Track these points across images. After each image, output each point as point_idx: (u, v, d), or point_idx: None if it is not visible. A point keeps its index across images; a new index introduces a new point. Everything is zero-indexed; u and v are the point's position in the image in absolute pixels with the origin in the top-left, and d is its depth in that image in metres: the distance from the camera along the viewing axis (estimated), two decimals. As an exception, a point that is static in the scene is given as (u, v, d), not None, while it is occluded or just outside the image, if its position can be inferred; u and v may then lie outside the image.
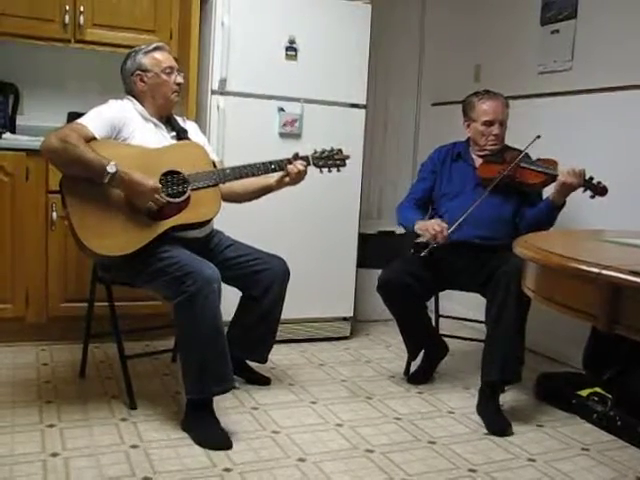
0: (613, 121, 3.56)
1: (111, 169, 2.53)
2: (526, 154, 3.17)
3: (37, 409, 2.78)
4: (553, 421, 3.03)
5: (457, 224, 3.03)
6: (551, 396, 3.24)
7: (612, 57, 3.56)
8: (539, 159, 3.17)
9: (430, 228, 3.05)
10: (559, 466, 2.59)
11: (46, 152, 2.60)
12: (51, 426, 2.63)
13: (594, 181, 2.98)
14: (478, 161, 3.31)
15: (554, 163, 3.11)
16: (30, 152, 3.33)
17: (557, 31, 3.91)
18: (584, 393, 3.12)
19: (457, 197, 3.26)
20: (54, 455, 2.40)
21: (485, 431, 2.86)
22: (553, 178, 3.05)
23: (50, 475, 2.26)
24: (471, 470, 2.51)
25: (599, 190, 2.98)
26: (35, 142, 3.16)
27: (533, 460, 2.63)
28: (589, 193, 2.99)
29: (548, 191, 3.13)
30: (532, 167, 3.13)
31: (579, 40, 3.77)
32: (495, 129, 3.24)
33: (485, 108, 3.24)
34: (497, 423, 2.88)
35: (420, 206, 3.37)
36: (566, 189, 3.00)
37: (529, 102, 3.90)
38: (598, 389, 3.12)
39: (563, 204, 3.07)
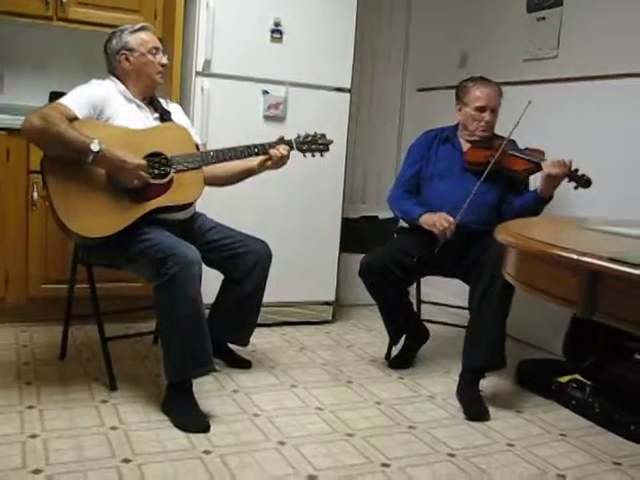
0: (597, 109, 3.57)
1: (95, 147, 2.50)
2: (514, 142, 3.19)
3: (16, 390, 2.76)
4: (532, 407, 3.06)
5: (460, 215, 3.04)
6: (531, 382, 3.27)
7: (597, 45, 3.57)
8: (527, 148, 3.18)
9: (438, 224, 3.06)
10: (537, 451, 2.61)
11: (27, 132, 2.56)
12: (30, 407, 2.62)
13: (579, 173, 3.00)
14: (466, 145, 3.31)
15: (541, 153, 3.13)
16: (11, 131, 3.29)
17: (543, 18, 3.91)
18: (563, 380, 3.15)
19: (442, 180, 3.26)
20: (33, 437, 2.39)
21: (465, 416, 2.88)
22: (538, 166, 3.07)
23: (29, 456, 2.25)
24: (450, 455, 2.53)
25: (583, 182, 2.99)
26: (16, 121, 3.11)
27: (512, 445, 2.65)
28: (573, 184, 3.01)
29: (535, 182, 3.14)
30: (519, 154, 3.15)
31: (565, 28, 3.77)
32: (486, 115, 3.24)
33: (478, 94, 3.23)
34: (474, 409, 2.89)
35: (412, 192, 3.36)
36: (552, 180, 3.01)
37: (514, 89, 3.90)
38: (577, 376, 3.15)
39: (550, 197, 3.08)
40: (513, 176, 3.18)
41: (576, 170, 3.00)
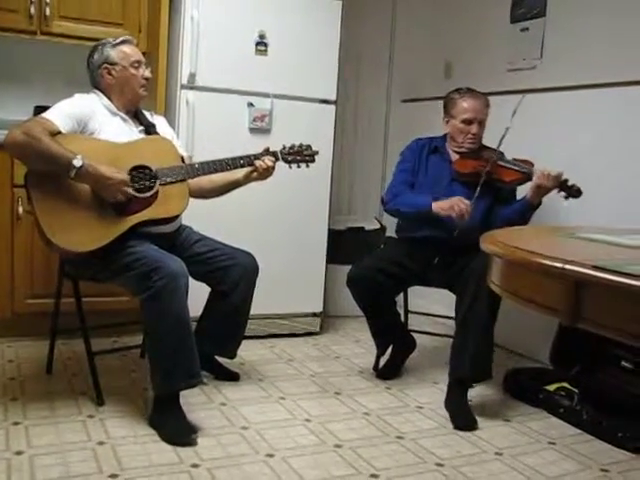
0: (579, 119, 3.60)
1: (77, 163, 2.49)
2: (502, 154, 3.20)
3: (2, 407, 2.73)
4: (520, 416, 3.06)
5: (473, 202, 3.03)
6: (519, 391, 3.27)
7: (579, 56, 3.60)
8: (515, 159, 3.20)
9: (456, 207, 3.02)
10: (526, 460, 2.61)
11: (9, 146, 2.54)
12: (16, 424, 2.59)
13: (569, 183, 3.02)
14: (454, 156, 3.31)
15: (530, 164, 3.15)
16: (-6, 146, 3.28)
17: (527, 29, 3.94)
18: (551, 388, 3.16)
19: (431, 190, 3.25)
20: (19, 453, 2.36)
21: (453, 425, 2.88)
22: (528, 177, 3.09)
23: (15, 474, 2.23)
24: (438, 464, 2.53)
25: (573, 192, 3.01)
26: (-1, 136, 3.11)
27: (500, 454, 2.65)
28: (563, 194, 3.03)
29: (523, 190, 3.16)
30: (509, 165, 3.16)
31: (548, 38, 3.80)
32: (474, 128, 3.23)
33: (465, 106, 3.23)
34: (462, 418, 2.90)
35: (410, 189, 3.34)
36: (541, 191, 3.03)
37: (497, 99, 3.92)
38: (565, 384, 3.16)
39: (539, 204, 3.10)
40: (503, 187, 3.19)
41: (566, 180, 3.02)
